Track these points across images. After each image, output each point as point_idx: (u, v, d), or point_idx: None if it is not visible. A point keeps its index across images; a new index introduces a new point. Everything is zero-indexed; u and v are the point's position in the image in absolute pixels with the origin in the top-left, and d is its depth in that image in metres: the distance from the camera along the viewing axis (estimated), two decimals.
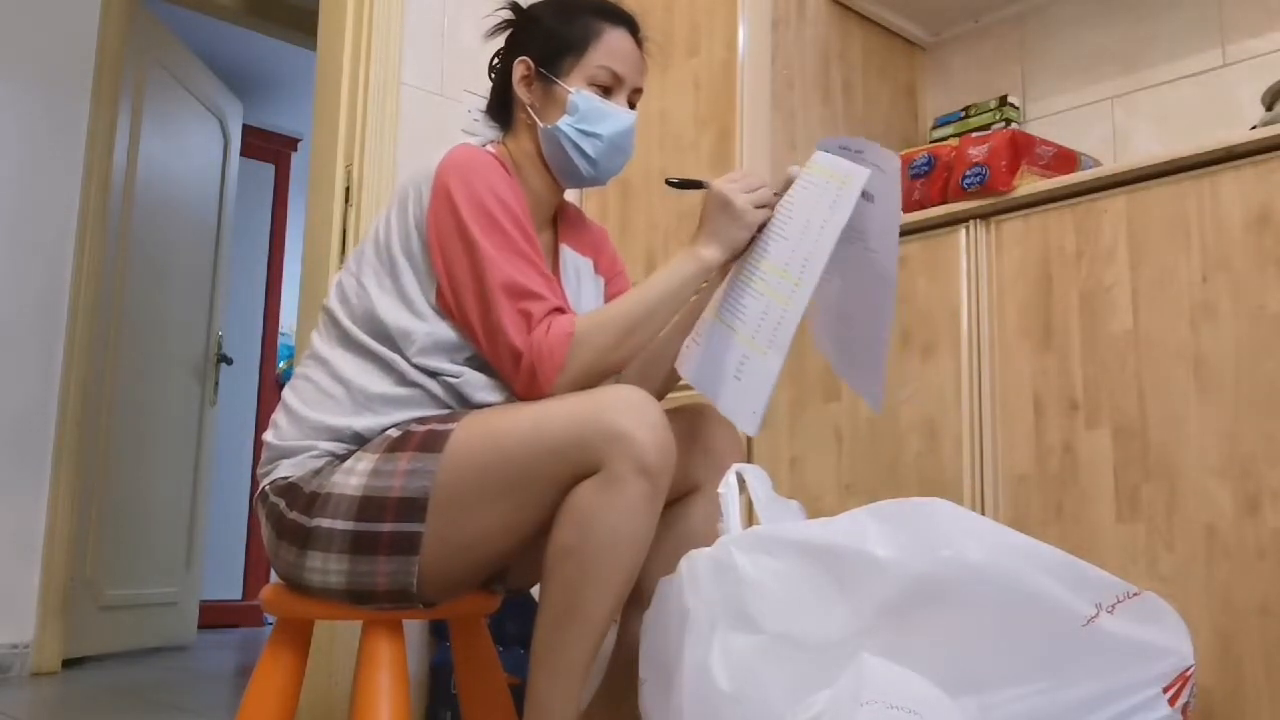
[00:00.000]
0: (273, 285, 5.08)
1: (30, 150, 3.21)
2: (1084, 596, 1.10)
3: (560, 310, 1.31)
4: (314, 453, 1.32)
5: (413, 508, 1.23)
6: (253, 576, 4.79)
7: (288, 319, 5.07)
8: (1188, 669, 1.11)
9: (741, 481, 1.28)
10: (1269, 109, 1.68)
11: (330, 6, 2.33)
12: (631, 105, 1.48)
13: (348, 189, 2.19)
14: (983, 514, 1.64)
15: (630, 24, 1.48)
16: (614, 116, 1.43)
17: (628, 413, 1.20)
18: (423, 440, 1.26)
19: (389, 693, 1.27)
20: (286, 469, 1.34)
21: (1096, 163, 1.83)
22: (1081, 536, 1.53)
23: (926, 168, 1.85)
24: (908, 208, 1.89)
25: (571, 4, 1.48)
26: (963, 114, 2.25)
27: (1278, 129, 1.43)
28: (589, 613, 1.20)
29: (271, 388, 4.99)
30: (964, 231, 1.75)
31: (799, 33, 2.26)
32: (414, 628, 2.11)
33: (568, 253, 1.54)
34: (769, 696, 1.09)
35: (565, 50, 1.43)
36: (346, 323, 1.37)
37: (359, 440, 1.32)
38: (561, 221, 1.56)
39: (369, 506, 1.25)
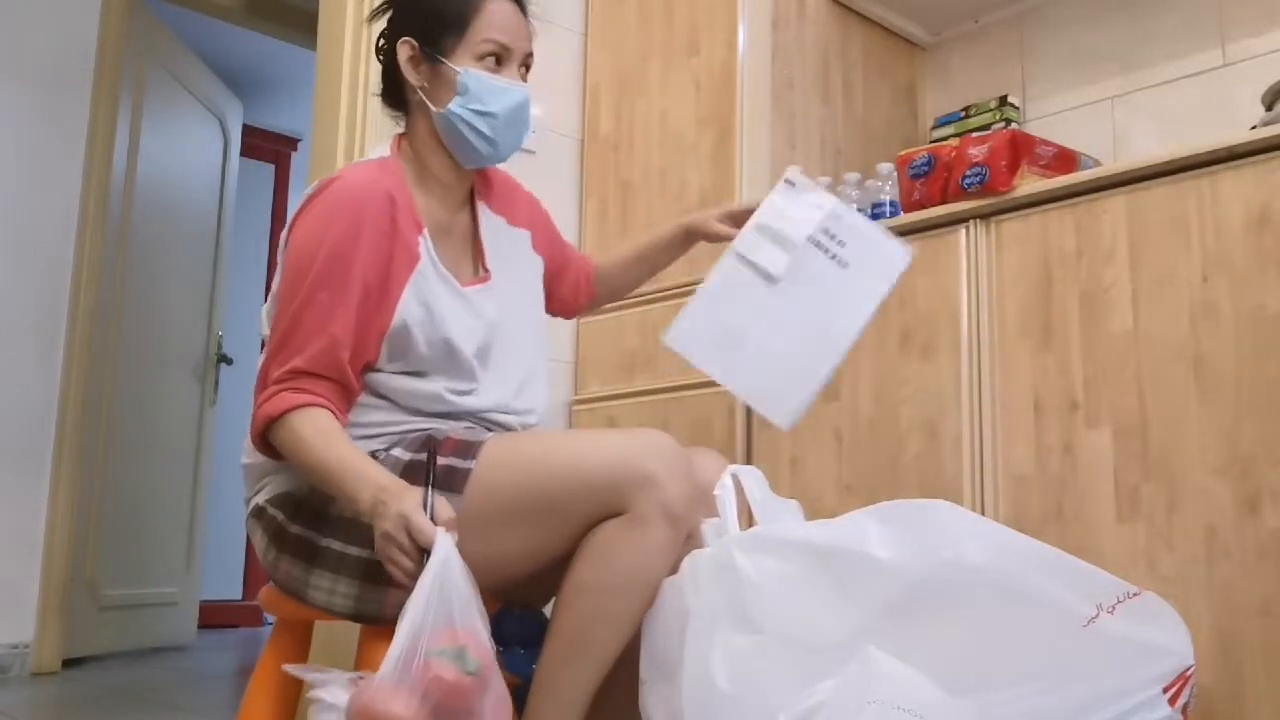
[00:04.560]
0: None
1: (30, 150, 3.21)
2: (1084, 597, 1.10)
3: (309, 376, 1.27)
4: None
5: None
6: (253, 576, 4.79)
7: None
8: (1188, 669, 1.11)
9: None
10: (1269, 109, 1.68)
11: (330, 6, 2.33)
12: (525, 71, 1.43)
13: None
14: (983, 514, 1.64)
15: None
16: (506, 92, 1.38)
17: (660, 459, 1.21)
18: (443, 477, 1.24)
19: None
20: (282, 483, 1.33)
21: (1096, 163, 1.83)
22: (1081, 536, 1.53)
23: (926, 168, 1.85)
24: (908, 208, 1.89)
25: None
26: (963, 114, 2.25)
27: (1278, 129, 1.43)
28: (597, 648, 1.21)
29: None
30: (964, 231, 1.75)
31: (799, 33, 2.26)
32: None
33: (495, 222, 1.51)
34: (768, 697, 1.10)
35: (447, 27, 1.38)
36: None
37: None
38: (487, 194, 1.53)
39: None
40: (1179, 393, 1.47)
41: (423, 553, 1.11)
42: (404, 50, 1.41)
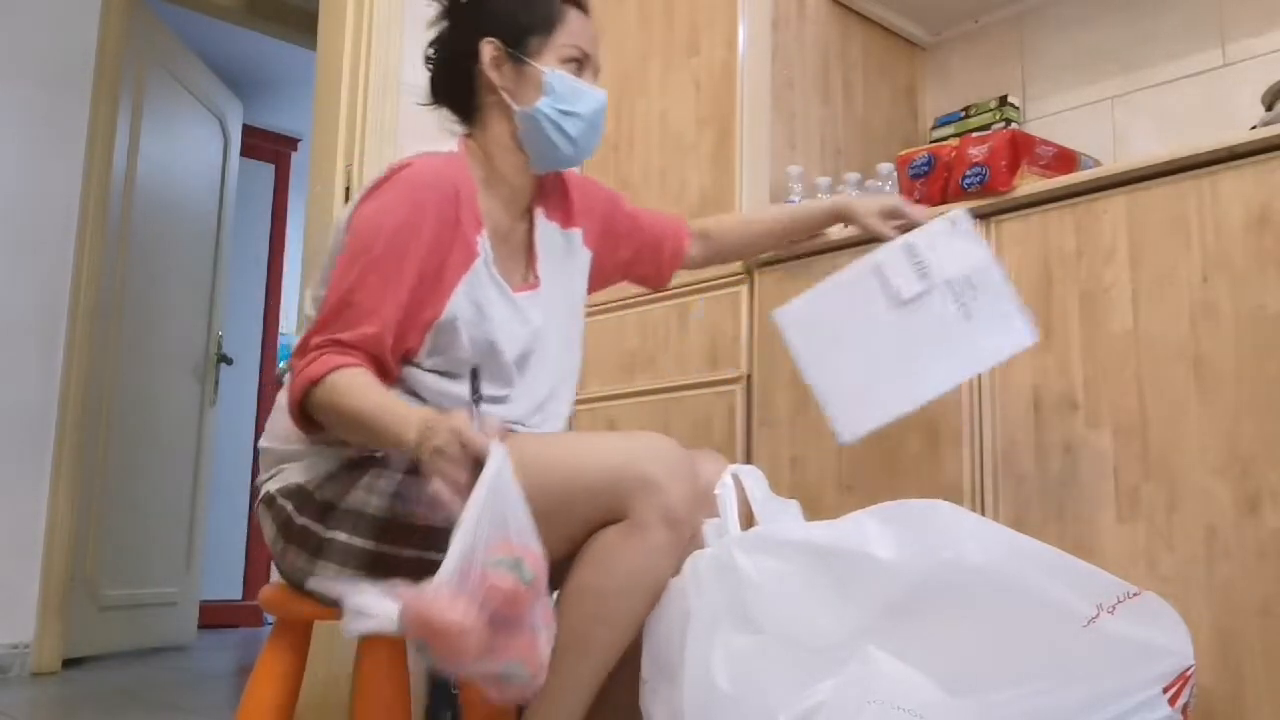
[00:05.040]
0: (273, 285, 5.08)
1: (30, 150, 3.21)
2: (1084, 597, 1.10)
3: (352, 348, 1.28)
4: (321, 455, 1.32)
5: (437, 536, 1.21)
6: (253, 576, 4.79)
7: (288, 319, 5.07)
8: (1188, 669, 1.11)
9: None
10: (1269, 109, 1.67)
11: (330, 6, 2.33)
12: (594, 79, 1.47)
13: (348, 189, 2.19)
14: (983, 514, 1.63)
15: (584, 4, 1.47)
16: (590, 95, 1.42)
17: (661, 463, 1.21)
18: None
19: (390, 691, 1.27)
20: (295, 474, 1.33)
21: (1096, 163, 1.83)
22: (1081, 536, 1.53)
23: (926, 168, 1.85)
24: None
25: None
26: (963, 114, 2.25)
27: (1278, 129, 1.43)
28: (598, 650, 1.21)
29: (271, 388, 5.00)
30: None
31: (799, 32, 2.26)
32: None
33: (549, 228, 1.52)
34: (769, 697, 1.10)
35: (531, 30, 1.41)
36: None
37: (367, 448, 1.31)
38: (544, 201, 1.54)
39: (391, 529, 1.25)
40: (1179, 393, 1.46)
41: (475, 467, 1.11)
42: (488, 50, 1.42)
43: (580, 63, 1.43)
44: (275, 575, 1.42)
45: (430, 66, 1.51)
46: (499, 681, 1.08)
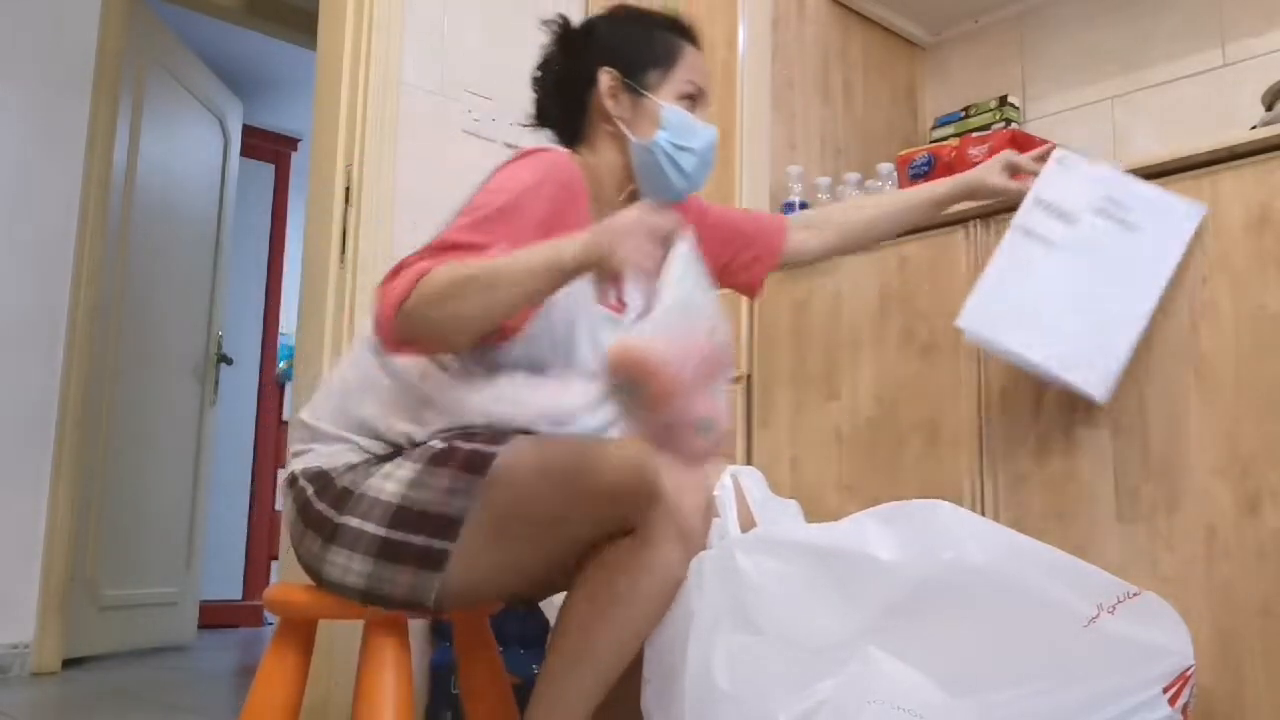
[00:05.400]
0: (273, 285, 5.08)
1: (30, 150, 3.21)
2: (1085, 597, 1.10)
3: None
4: (352, 447, 1.31)
5: (448, 525, 1.21)
6: (253, 576, 4.78)
7: (288, 319, 5.07)
8: (1188, 669, 1.11)
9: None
10: (1269, 109, 1.67)
11: (330, 6, 2.33)
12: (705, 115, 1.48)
13: (348, 189, 2.19)
14: (983, 514, 1.64)
15: (698, 40, 1.50)
16: (704, 131, 1.44)
17: (673, 475, 1.19)
18: (467, 459, 1.23)
19: (393, 691, 1.27)
20: (321, 456, 1.32)
21: None
22: (1081, 536, 1.53)
23: (926, 168, 1.86)
24: None
25: (647, 17, 1.49)
26: (963, 114, 2.25)
27: (1278, 129, 1.43)
28: (601, 659, 1.20)
29: (271, 387, 5.00)
30: (964, 231, 1.75)
31: (799, 32, 2.26)
32: (414, 627, 2.11)
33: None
34: (769, 697, 1.10)
35: (652, 64, 1.43)
36: None
37: (400, 443, 1.30)
38: None
39: (403, 516, 1.24)
40: (1179, 393, 1.47)
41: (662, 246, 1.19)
42: (605, 80, 1.43)
43: (695, 98, 1.45)
44: (276, 575, 1.42)
45: (537, 89, 1.51)
46: (696, 429, 1.14)
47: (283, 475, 1.38)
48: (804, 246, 1.70)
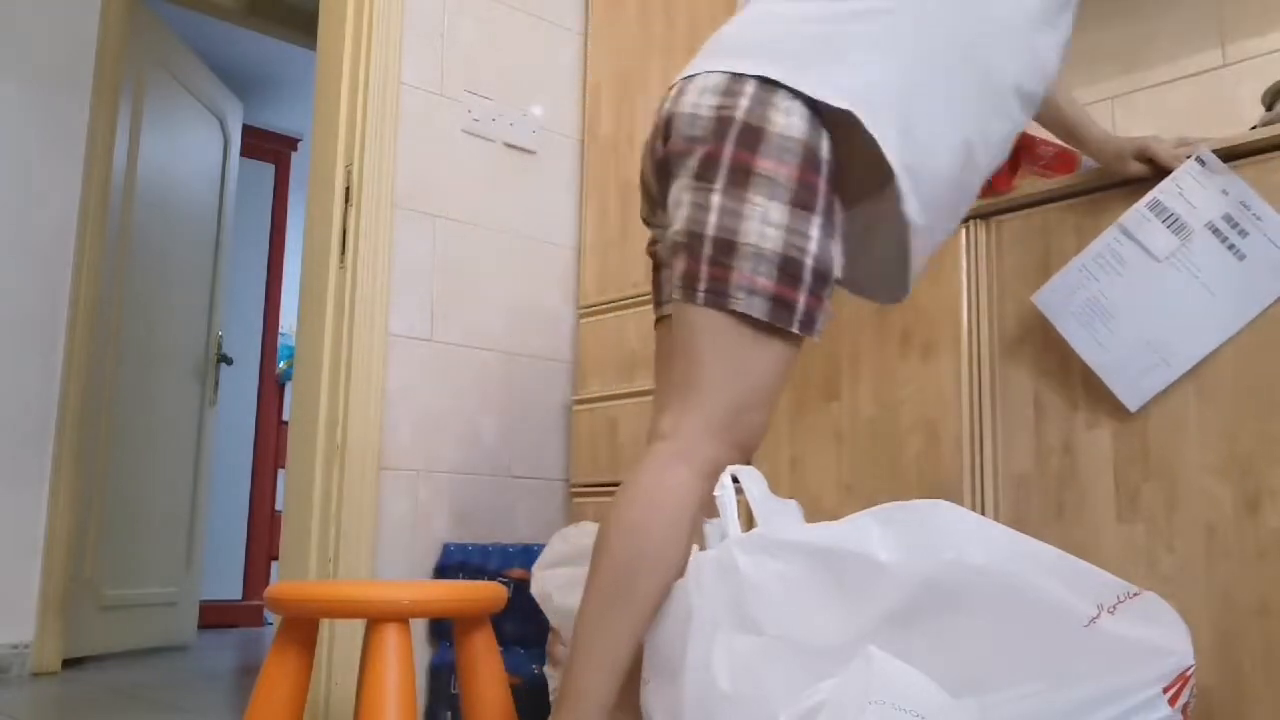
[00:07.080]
0: (273, 285, 5.08)
1: (31, 150, 3.21)
2: (1085, 597, 1.10)
3: None
4: None
5: None
6: (253, 576, 4.78)
7: (288, 319, 5.07)
8: (1188, 669, 1.11)
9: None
10: (1269, 109, 1.67)
11: (330, 6, 2.33)
12: None
13: (348, 189, 2.19)
14: (983, 514, 1.64)
15: None
16: None
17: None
18: None
19: (396, 688, 1.27)
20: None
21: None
22: (1081, 536, 1.53)
23: None
24: None
25: None
26: None
27: (1278, 129, 1.43)
28: (640, 598, 1.19)
29: (271, 387, 5.00)
30: (964, 231, 1.75)
31: None
32: (414, 627, 2.11)
33: None
34: (769, 698, 1.10)
35: None
36: None
37: None
38: None
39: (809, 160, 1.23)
40: (1179, 393, 1.47)
41: None
42: None
43: None
44: (276, 575, 1.42)
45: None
46: None
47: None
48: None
